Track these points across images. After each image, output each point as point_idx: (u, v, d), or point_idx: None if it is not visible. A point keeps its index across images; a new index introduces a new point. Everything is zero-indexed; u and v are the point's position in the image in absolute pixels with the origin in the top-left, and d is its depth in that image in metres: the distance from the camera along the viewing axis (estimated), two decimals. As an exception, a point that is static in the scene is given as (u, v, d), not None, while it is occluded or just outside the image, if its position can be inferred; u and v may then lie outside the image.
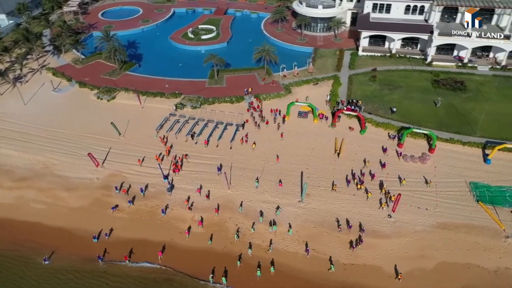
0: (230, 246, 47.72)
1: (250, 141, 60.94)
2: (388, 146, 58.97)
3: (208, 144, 61.01)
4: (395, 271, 44.22)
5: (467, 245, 46.01)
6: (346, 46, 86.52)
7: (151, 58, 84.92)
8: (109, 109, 69.42)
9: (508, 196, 51.21)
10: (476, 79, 73.55)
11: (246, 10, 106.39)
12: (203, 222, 49.86)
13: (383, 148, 58.40)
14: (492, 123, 62.19)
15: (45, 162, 59.44)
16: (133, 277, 45.31)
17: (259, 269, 44.64)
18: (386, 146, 58.73)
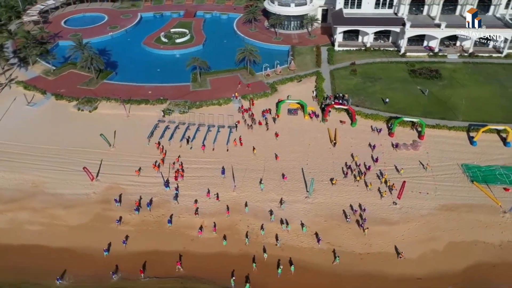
0: (246, 248, 47.44)
1: (244, 143, 60.53)
2: (375, 141, 60.02)
3: (205, 149, 60.11)
4: (395, 251, 45.90)
5: (470, 224, 48.55)
6: (321, 42, 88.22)
7: (127, 65, 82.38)
8: (92, 120, 66.69)
9: (498, 174, 54.52)
10: (448, 67, 77.57)
11: (216, 11, 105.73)
12: (216, 227, 49.06)
13: (372, 146, 59.08)
14: (470, 107, 65.89)
15: (33, 180, 56.13)
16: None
17: (279, 267, 44.60)
18: (374, 143, 59.39)
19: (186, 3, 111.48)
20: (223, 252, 47.19)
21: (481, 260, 45.29)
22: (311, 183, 50.75)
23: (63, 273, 45.15)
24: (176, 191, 53.40)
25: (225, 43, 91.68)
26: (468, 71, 75.68)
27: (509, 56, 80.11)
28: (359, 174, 55.00)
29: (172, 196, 53.08)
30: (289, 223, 49.06)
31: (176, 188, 53.88)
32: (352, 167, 56.26)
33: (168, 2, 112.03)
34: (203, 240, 48.41)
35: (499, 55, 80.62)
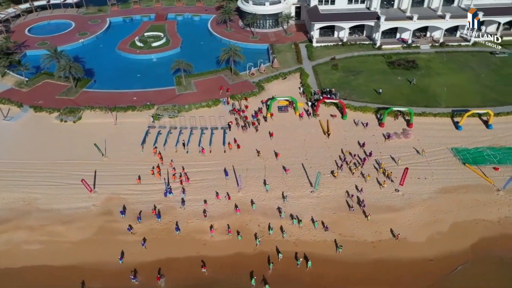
0: (260, 247, 47.31)
1: (240, 144, 60.25)
2: (365, 138, 61.17)
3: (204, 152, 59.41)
4: (391, 233, 47.68)
5: (469, 204, 51.07)
6: (298, 40, 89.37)
7: (104, 72, 79.62)
8: (78, 131, 64.07)
9: (485, 155, 57.66)
10: (422, 57, 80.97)
11: (188, 13, 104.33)
12: (230, 229, 48.73)
13: (362, 144, 59.86)
14: (449, 93, 69.16)
15: (24, 198, 53.19)
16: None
17: (298, 259, 45.06)
18: (363, 141, 60.18)
19: (155, 6, 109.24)
20: (238, 253, 46.82)
21: (484, 237, 47.75)
22: (317, 177, 51.37)
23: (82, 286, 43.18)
24: (183, 194, 52.58)
25: (202, 44, 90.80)
26: (443, 60, 79.32)
27: (476, 44, 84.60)
28: (355, 166, 56.15)
29: (176, 201, 51.94)
30: (301, 220, 49.30)
31: (183, 191, 52.92)
32: (347, 160, 57.30)
33: (136, 6, 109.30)
34: (215, 243, 47.85)
35: (467, 43, 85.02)
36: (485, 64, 78.31)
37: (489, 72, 75.47)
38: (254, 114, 66.14)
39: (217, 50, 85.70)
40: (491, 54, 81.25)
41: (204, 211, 50.68)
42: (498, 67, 77.16)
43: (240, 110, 66.95)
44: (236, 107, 67.54)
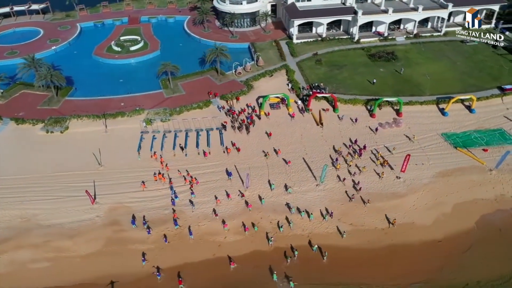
0: (275, 244, 47.50)
1: (240, 146, 59.85)
2: (358, 130, 62.70)
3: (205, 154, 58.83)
4: (387, 220, 49.33)
5: (466, 185, 53.67)
6: (278, 37, 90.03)
7: (84, 79, 76.68)
8: (67, 141, 61.54)
9: (473, 138, 60.75)
10: (400, 48, 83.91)
11: (161, 15, 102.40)
12: (244, 226, 48.85)
13: (354, 141, 60.21)
14: (431, 82, 72.19)
15: (21, 215, 50.56)
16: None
17: (312, 246, 46.26)
18: (358, 132, 61.39)
19: (126, 9, 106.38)
20: (254, 251, 46.87)
21: (485, 215, 50.49)
22: (324, 170, 52.17)
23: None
24: (193, 195, 52.13)
25: (181, 46, 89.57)
26: (419, 50, 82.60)
27: (447, 33, 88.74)
28: (351, 157, 57.52)
29: (184, 205, 51.21)
30: (311, 213, 49.91)
31: (192, 192, 52.44)
32: (343, 154, 58.33)
33: (106, 9, 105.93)
34: (230, 244, 47.66)
35: (439, 33, 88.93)
36: (458, 52, 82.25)
37: (463, 59, 79.37)
38: (248, 115, 65.65)
39: (197, 51, 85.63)
40: (462, 43, 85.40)
41: (214, 210, 50.22)
42: (471, 54, 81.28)
43: (234, 109, 66.53)
44: (232, 108, 66.93)
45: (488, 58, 79.29)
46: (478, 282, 43.77)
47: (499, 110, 65.91)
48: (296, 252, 46.28)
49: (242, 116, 65.56)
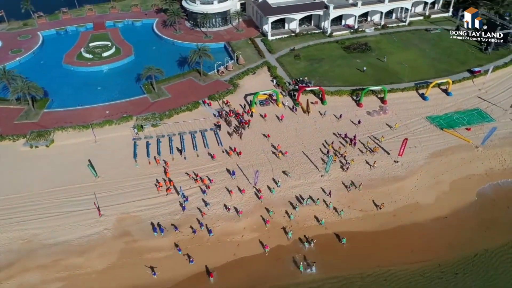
0: (293, 236, 48.05)
1: (237, 147, 59.62)
2: (348, 119, 64.67)
3: (200, 155, 58.06)
4: (373, 204, 51.42)
5: (458, 163, 57.08)
6: (252, 35, 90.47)
7: (59, 89, 72.92)
8: (56, 155, 58.47)
9: (455, 119, 64.66)
10: (371, 39, 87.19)
11: (127, 19, 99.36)
12: (265, 220, 49.23)
13: (344, 135, 61.10)
14: (406, 69, 75.72)
15: (21, 236, 47.48)
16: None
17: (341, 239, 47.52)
18: (345, 132, 61.72)
19: (88, 15, 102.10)
20: (274, 247, 47.00)
21: (480, 188, 53.95)
22: (329, 160, 53.36)
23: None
24: (204, 193, 51.87)
25: (155, 49, 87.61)
26: (389, 40, 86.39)
27: (411, 23, 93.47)
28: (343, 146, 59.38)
29: (193, 208, 50.50)
30: (318, 200, 51.29)
31: (203, 191, 52.08)
32: (334, 147, 59.44)
33: (66, 16, 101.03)
34: (248, 242, 47.69)
35: (404, 23, 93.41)
36: (424, 40, 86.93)
37: (431, 46, 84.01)
38: (240, 120, 64.56)
39: (173, 53, 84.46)
40: (427, 31, 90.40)
41: (225, 206, 50.42)
42: (436, 42, 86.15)
43: (231, 109, 66.13)
44: (230, 107, 66.60)
45: (453, 44, 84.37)
46: (486, 251, 46.78)
47: (472, 92, 70.51)
48: (312, 244, 47.13)
49: (235, 121, 64.82)
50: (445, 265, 45.68)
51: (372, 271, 44.92)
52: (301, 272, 44.29)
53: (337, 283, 44.09)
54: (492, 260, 46.02)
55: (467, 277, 44.29)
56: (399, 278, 44.41)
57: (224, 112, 65.62)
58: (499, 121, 63.58)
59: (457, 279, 44.22)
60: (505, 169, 56.62)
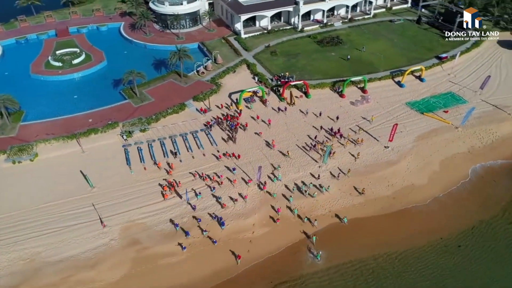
0: (303, 227, 48.94)
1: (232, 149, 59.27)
2: (334, 110, 66.22)
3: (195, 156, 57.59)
4: (355, 190, 53.49)
5: (442, 143, 60.46)
6: (224, 34, 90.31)
7: (30, 100, 68.78)
8: (43, 168, 55.62)
9: (432, 102, 68.33)
10: (341, 33, 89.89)
11: (91, 24, 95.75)
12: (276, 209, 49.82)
13: (330, 129, 61.73)
14: (380, 59, 79.06)
15: (22, 256, 44.89)
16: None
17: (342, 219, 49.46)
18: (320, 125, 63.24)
19: (48, 21, 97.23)
20: (288, 241, 47.59)
21: (466, 166, 57.53)
22: (328, 150, 54.68)
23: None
24: (213, 190, 52.21)
25: (127, 54, 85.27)
26: (359, 33, 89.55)
27: (376, 15, 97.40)
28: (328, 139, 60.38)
29: (200, 209, 50.07)
30: (328, 187, 52.85)
31: (211, 188, 52.25)
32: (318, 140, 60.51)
33: (24, 24, 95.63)
34: (260, 238, 48.06)
35: (369, 16, 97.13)
36: (390, 31, 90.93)
37: (398, 36, 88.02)
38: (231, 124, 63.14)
39: (147, 56, 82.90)
40: (391, 22, 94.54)
41: (230, 198, 50.90)
42: (402, 32, 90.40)
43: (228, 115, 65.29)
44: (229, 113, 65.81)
45: (417, 34, 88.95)
46: (481, 222, 50.16)
47: (443, 76, 74.76)
48: (316, 222, 48.88)
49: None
50: (447, 239, 48.48)
51: (383, 252, 46.71)
52: (318, 260, 45.19)
53: (351, 267, 45.63)
54: (488, 230, 49.49)
55: (470, 247, 47.29)
56: (408, 256, 46.58)
57: (219, 118, 64.34)
58: (472, 102, 67.84)
59: (460, 250, 47.05)
60: (485, 146, 60.69)
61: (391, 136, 58.24)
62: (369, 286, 43.88)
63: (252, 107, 66.28)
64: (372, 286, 43.78)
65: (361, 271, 45.14)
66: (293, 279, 44.44)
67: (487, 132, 62.28)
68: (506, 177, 56.65)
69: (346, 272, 44.96)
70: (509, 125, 64.07)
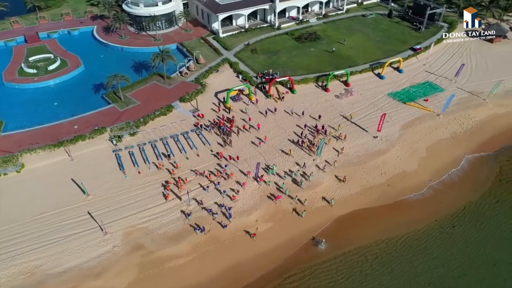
0: (306, 218, 49.78)
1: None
2: (320, 104, 67.56)
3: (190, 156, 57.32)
4: (337, 178, 55.10)
5: (427, 130, 62.94)
6: (201, 34, 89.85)
7: (8, 110, 66.13)
8: (31, 179, 53.59)
9: (413, 92, 70.93)
10: (317, 28, 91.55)
11: (62, 29, 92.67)
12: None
13: (320, 127, 61.86)
14: (357, 52, 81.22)
15: (22, 270, 43.23)
16: None
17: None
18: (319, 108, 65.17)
19: (15, 28, 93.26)
20: (292, 234, 48.26)
21: (451, 150, 60.25)
22: (321, 143, 55.74)
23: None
24: (218, 184, 52.24)
25: (103, 57, 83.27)
26: (334, 28, 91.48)
27: (348, 11, 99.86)
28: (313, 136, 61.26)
29: (200, 210, 49.94)
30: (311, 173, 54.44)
31: (217, 183, 52.67)
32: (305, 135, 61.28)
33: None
34: (265, 232, 48.46)
35: (342, 11, 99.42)
36: (364, 25, 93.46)
37: (372, 30, 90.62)
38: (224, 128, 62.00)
39: (125, 59, 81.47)
40: (364, 17, 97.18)
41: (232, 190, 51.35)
42: (375, 26, 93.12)
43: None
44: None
45: (390, 27, 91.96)
46: (470, 203, 52.92)
47: (419, 67, 77.74)
48: (306, 202, 50.88)
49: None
50: (441, 221, 50.78)
51: (384, 238, 48.33)
52: (323, 248, 46.17)
53: (357, 254, 46.93)
54: (478, 209, 52.10)
55: (464, 227, 49.66)
56: (408, 240, 48.37)
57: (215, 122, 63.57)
58: (448, 90, 70.92)
59: (455, 230, 49.39)
60: (466, 131, 63.67)
61: (379, 126, 60.02)
62: (374, 271, 45.27)
63: (247, 111, 65.65)
64: (378, 270, 45.19)
65: (366, 257, 46.52)
66: (302, 270, 45.19)
67: (466, 118, 65.33)
68: (490, 160, 59.62)
69: (352, 259, 46.24)
70: (485, 110, 67.41)
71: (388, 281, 44.12)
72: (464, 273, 44.76)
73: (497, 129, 64.76)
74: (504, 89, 70.81)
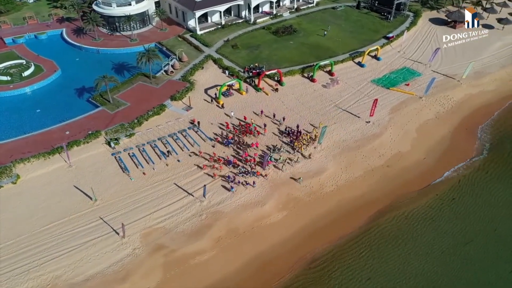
0: (316, 206, 51.31)
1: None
2: (310, 93, 69.64)
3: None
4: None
5: (414, 112, 66.46)
6: (177, 32, 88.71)
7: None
8: (29, 189, 51.14)
9: (393, 78, 74.47)
10: (292, 22, 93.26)
11: (29, 33, 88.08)
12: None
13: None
14: (335, 43, 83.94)
15: (41, 283, 41.38)
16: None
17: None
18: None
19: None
20: (308, 220, 49.57)
21: (438, 128, 64.11)
22: (323, 131, 57.40)
23: None
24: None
25: (79, 61, 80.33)
26: (308, 21, 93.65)
27: (318, 3, 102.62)
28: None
29: (216, 204, 50.12)
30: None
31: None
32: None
33: None
34: (280, 222, 49.27)
35: (312, 4, 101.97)
36: (336, 17, 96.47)
37: (344, 22, 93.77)
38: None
39: (102, 62, 79.41)
40: (334, 9, 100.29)
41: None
42: (346, 17, 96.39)
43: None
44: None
45: (360, 18, 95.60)
46: (464, 176, 56.66)
47: (394, 54, 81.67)
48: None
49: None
50: (441, 195, 54.04)
51: (393, 215, 51.02)
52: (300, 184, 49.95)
53: (372, 231, 49.02)
54: (472, 180, 56.01)
55: (463, 198, 53.34)
56: (413, 215, 51.23)
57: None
58: (425, 74, 75.20)
59: (456, 202, 52.90)
60: (447, 110, 67.88)
61: (372, 111, 62.66)
62: (388, 245, 47.61)
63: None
64: (392, 244, 47.61)
65: (382, 234, 48.71)
66: (324, 254, 46.53)
67: (446, 99, 69.67)
68: (470, 134, 64.21)
69: (370, 237, 48.25)
70: (461, 90, 72.16)
71: (406, 253, 46.68)
72: (470, 239, 48.09)
73: (473, 107, 69.51)
74: (473, 71, 75.93)
